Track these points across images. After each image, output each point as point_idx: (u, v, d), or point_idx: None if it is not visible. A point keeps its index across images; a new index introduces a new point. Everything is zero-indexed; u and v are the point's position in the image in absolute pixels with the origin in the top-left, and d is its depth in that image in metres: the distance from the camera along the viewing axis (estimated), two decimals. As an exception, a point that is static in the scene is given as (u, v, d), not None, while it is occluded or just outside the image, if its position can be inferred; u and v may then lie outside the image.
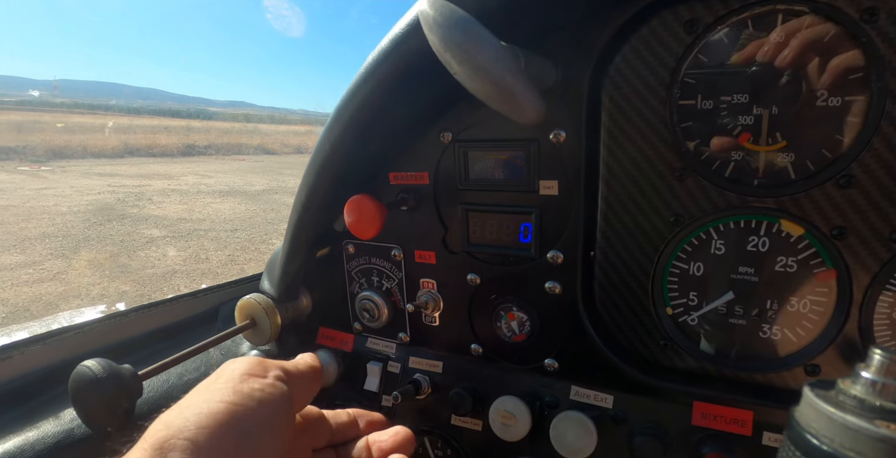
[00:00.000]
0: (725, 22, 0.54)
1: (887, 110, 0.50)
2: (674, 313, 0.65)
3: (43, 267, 7.62)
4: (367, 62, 0.60)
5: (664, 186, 0.60)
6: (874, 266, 0.54)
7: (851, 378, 0.30)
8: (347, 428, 0.58)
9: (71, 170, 19.27)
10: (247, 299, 0.86)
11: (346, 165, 0.72)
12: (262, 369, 0.47)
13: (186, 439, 0.37)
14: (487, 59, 0.38)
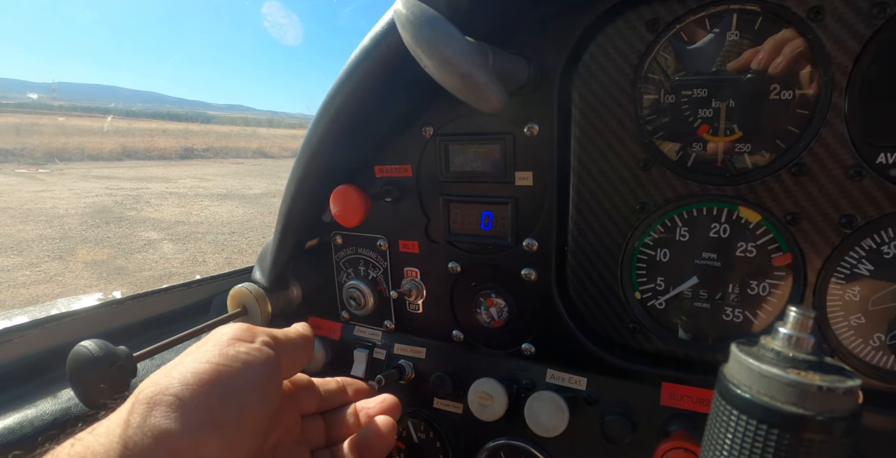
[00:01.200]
0: (684, 21, 0.58)
1: (833, 102, 0.54)
2: (642, 297, 0.68)
3: (40, 269, 7.62)
4: (350, 60, 0.64)
5: (630, 177, 0.64)
6: (826, 250, 0.58)
7: (772, 334, 0.34)
8: (336, 395, 0.61)
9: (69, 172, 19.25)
10: (239, 287, 0.89)
11: (332, 158, 0.75)
12: (250, 334, 0.49)
13: (172, 394, 0.39)
14: (453, 53, 0.42)
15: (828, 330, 0.60)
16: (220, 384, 0.41)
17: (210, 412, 0.40)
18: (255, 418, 0.44)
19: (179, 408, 0.39)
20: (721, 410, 0.33)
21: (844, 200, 0.56)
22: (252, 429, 0.43)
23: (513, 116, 0.69)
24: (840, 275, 0.58)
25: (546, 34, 0.64)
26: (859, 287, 0.58)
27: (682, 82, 0.60)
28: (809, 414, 0.29)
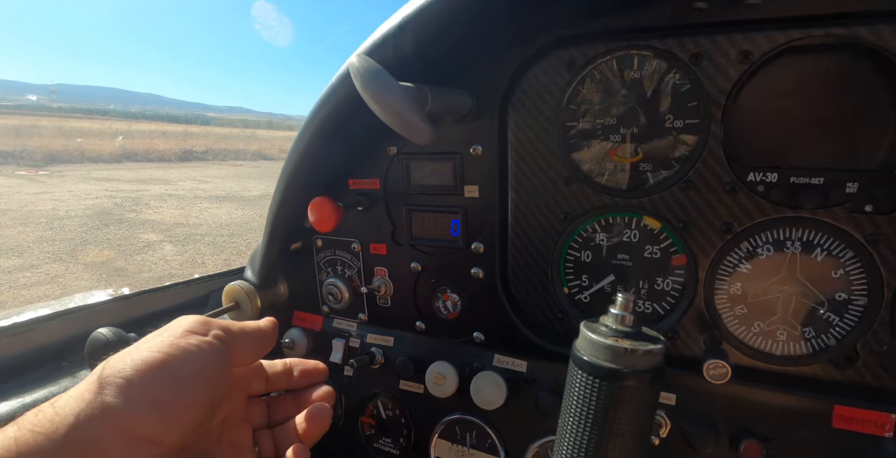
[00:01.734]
0: (595, 62, 0.71)
1: (712, 131, 0.66)
2: (570, 292, 0.81)
3: (41, 270, 7.65)
4: (324, 92, 0.76)
5: (556, 191, 0.77)
6: (711, 252, 0.70)
7: (608, 314, 0.46)
8: (281, 377, 0.65)
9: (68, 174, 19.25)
10: (232, 284, 1.01)
11: (312, 173, 0.88)
12: (203, 327, 0.53)
13: (122, 377, 0.45)
14: (392, 100, 0.54)
15: (718, 319, 0.72)
16: (166, 371, 0.47)
17: (153, 395, 0.46)
18: (198, 402, 0.49)
19: (126, 389, 0.45)
20: (572, 370, 0.45)
21: (724, 210, 0.68)
22: (194, 412, 0.48)
23: (460, 139, 0.81)
24: (724, 273, 0.71)
25: (485, 73, 0.76)
26: (741, 283, 0.70)
27: (596, 112, 0.73)
28: (620, 368, 0.41)
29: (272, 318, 0.63)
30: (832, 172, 0.62)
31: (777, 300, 0.69)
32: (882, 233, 0.61)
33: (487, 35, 0.70)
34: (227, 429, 0.58)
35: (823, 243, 0.65)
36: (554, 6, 0.67)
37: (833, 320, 0.66)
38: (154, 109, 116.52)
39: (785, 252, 0.67)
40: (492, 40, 0.72)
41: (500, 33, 0.70)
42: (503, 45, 0.73)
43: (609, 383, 0.41)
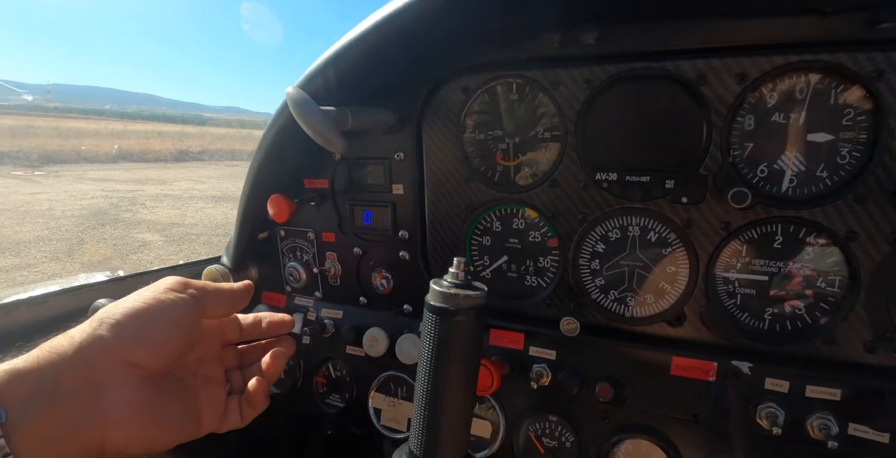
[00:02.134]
0: (483, 87, 0.91)
1: (569, 140, 0.86)
2: (475, 269, 1.01)
3: (38, 269, 7.75)
4: (276, 110, 0.96)
5: (460, 188, 0.97)
6: (574, 236, 0.90)
7: (448, 273, 0.66)
8: (252, 327, 0.80)
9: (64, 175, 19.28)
10: (210, 268, 1.21)
11: (272, 175, 1.07)
12: (182, 286, 0.67)
13: (114, 318, 0.60)
14: (313, 122, 0.74)
15: (583, 289, 0.92)
16: (147, 315, 0.62)
17: (136, 331, 0.61)
18: (173, 340, 0.64)
19: (116, 326, 0.60)
20: (425, 314, 0.65)
21: (581, 203, 0.88)
22: (169, 346, 0.63)
23: (388, 147, 1.01)
24: (585, 252, 0.91)
25: (405, 95, 0.96)
26: (598, 260, 0.91)
27: (486, 126, 0.93)
28: (450, 307, 0.61)
29: (249, 282, 0.78)
30: (655, 172, 0.82)
31: (625, 273, 0.89)
32: (694, 219, 0.82)
33: (398, 69, 0.90)
34: (202, 366, 0.74)
35: (654, 227, 0.85)
36: (446, 46, 0.87)
37: (665, 288, 0.87)
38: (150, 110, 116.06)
39: (628, 235, 0.87)
40: (404, 72, 0.92)
41: (409, 67, 0.91)
42: (414, 75, 0.93)
43: (444, 318, 0.61)
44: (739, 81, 0.74)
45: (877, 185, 0.71)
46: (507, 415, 0.97)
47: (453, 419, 0.63)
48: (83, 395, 0.57)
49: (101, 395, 0.59)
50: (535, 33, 0.84)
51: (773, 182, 0.77)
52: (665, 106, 0.80)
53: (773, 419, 0.77)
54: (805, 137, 0.74)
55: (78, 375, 0.57)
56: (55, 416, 0.55)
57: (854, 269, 0.75)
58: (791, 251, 0.78)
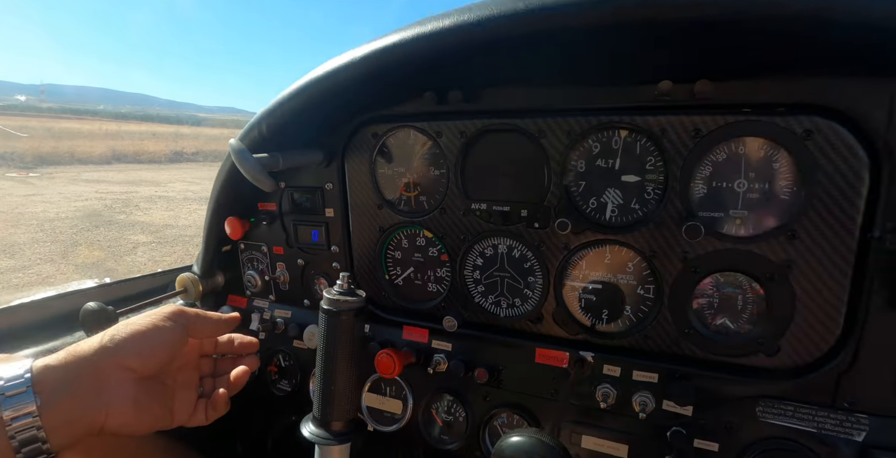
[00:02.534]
0: (388, 134, 1.15)
1: (454, 176, 1.10)
2: (389, 278, 1.25)
3: (32, 271, 7.88)
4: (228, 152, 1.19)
5: (374, 212, 1.21)
6: (459, 252, 1.14)
7: (336, 284, 0.90)
8: (226, 344, 1.03)
9: (58, 176, 19.32)
10: (182, 275, 1.45)
11: (228, 200, 1.31)
12: (177, 316, 0.88)
13: (120, 336, 0.81)
14: (247, 169, 0.97)
15: (468, 295, 1.16)
16: (145, 336, 0.83)
17: (135, 347, 0.82)
18: (162, 354, 0.85)
19: (121, 342, 0.81)
20: (320, 315, 0.89)
21: (462, 226, 1.12)
22: (158, 358, 0.85)
23: (320, 178, 1.25)
24: (468, 265, 1.15)
25: (330, 139, 1.20)
26: (478, 271, 1.15)
27: (392, 164, 1.17)
28: (333, 309, 0.85)
29: (237, 314, 1.02)
30: (513, 203, 1.07)
31: (498, 282, 1.13)
32: (543, 240, 1.06)
33: (321, 121, 1.14)
34: (181, 372, 0.96)
35: (516, 246, 1.10)
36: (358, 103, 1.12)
37: (528, 293, 1.11)
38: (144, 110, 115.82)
39: (498, 252, 1.12)
40: (326, 123, 1.16)
41: (331, 118, 1.15)
42: (336, 124, 1.18)
43: (330, 317, 0.85)
44: (568, 135, 0.98)
45: (669, 216, 0.95)
46: (414, 395, 1.22)
47: (340, 391, 0.87)
48: (92, 388, 0.79)
49: (104, 389, 0.80)
50: (420, 94, 1.08)
51: (600, 212, 1.01)
52: (519, 152, 1.04)
53: (606, 397, 1.01)
54: (620, 178, 0.98)
55: (89, 373, 0.79)
56: (72, 402, 0.76)
57: (659, 280, 0.99)
58: (617, 265, 1.03)
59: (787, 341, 0.91)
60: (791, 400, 0.92)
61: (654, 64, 0.91)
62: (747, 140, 0.88)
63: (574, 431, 1.05)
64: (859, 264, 0.85)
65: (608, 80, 0.95)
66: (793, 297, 0.89)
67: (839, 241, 0.85)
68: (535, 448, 0.76)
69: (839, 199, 0.83)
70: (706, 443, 0.96)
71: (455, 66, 0.95)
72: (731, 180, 0.90)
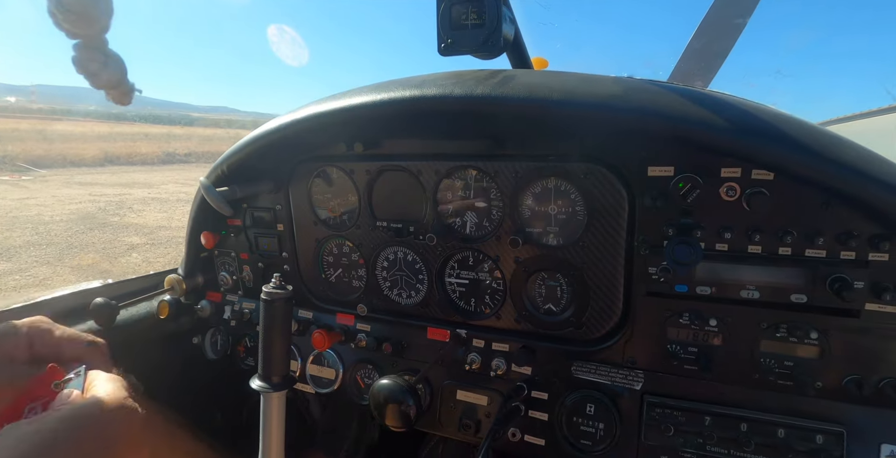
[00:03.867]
0: (317, 170, 1.55)
1: (363, 203, 1.50)
2: (325, 276, 1.66)
3: (29, 273, 8.17)
4: (201, 182, 1.59)
5: (311, 228, 1.61)
6: (371, 258, 1.54)
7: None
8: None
9: (51, 179, 19.43)
10: (169, 276, 1.84)
11: (203, 218, 1.71)
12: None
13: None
14: (212, 200, 1.37)
15: (378, 288, 1.56)
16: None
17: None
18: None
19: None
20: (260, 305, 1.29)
21: (373, 238, 1.51)
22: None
23: (272, 201, 1.65)
24: (378, 267, 1.55)
25: (279, 172, 1.60)
26: (385, 271, 1.55)
27: (322, 192, 1.57)
28: (270, 299, 1.25)
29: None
30: (405, 221, 1.46)
31: (399, 278, 1.54)
32: (427, 249, 1.46)
33: (269, 162, 1.54)
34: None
35: (410, 253, 1.50)
36: (296, 149, 1.52)
37: (420, 287, 1.51)
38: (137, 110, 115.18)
39: (398, 257, 1.52)
40: (273, 163, 1.56)
41: (277, 159, 1.55)
42: (281, 162, 1.58)
43: (267, 304, 1.25)
44: (436, 174, 1.38)
45: (504, 231, 1.35)
46: (344, 364, 1.62)
47: (276, 355, 1.27)
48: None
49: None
50: (334, 143, 1.48)
51: (462, 228, 1.41)
52: (406, 185, 1.44)
53: (472, 362, 1.42)
54: (474, 203, 1.39)
55: None
56: None
57: (503, 276, 1.39)
58: (477, 266, 1.43)
59: (588, 319, 1.31)
60: (594, 361, 1.32)
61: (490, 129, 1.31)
62: (552, 179, 1.28)
63: (451, 387, 1.45)
64: (628, 265, 1.25)
65: (460, 136, 1.35)
66: (587, 288, 1.29)
67: (612, 249, 1.25)
68: (392, 385, 1.16)
69: (610, 220, 1.23)
70: (540, 393, 1.35)
71: (358, 127, 1.36)
72: (545, 206, 1.31)
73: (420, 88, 1.17)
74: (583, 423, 1.29)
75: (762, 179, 1.09)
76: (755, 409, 1.15)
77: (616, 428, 1.25)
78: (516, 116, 1.14)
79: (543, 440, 1.34)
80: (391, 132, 1.43)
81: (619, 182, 1.20)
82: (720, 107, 1.01)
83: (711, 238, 1.15)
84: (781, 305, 1.13)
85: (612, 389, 1.27)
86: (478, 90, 1.12)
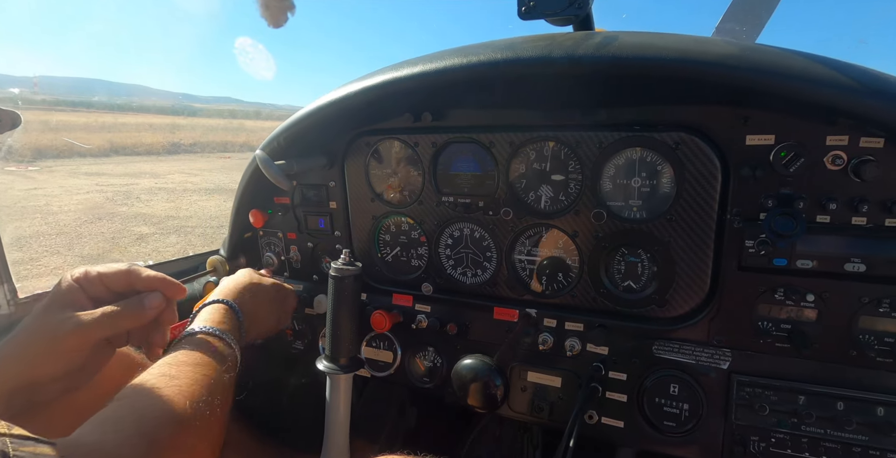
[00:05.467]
0: (377, 143, 1.47)
1: (427, 177, 1.43)
2: (381, 255, 1.59)
3: (40, 263, 8.13)
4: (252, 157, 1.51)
5: (368, 204, 1.54)
6: (434, 235, 1.47)
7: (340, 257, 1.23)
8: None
9: (58, 170, 19.42)
10: (212, 257, 1.78)
11: (251, 195, 1.64)
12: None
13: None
14: (270, 173, 1.30)
15: (441, 267, 1.49)
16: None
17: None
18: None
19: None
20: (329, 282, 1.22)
21: (436, 214, 1.44)
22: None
23: (325, 177, 1.58)
24: (441, 244, 1.48)
25: (334, 146, 1.52)
26: (449, 249, 1.48)
27: (381, 166, 1.50)
28: (338, 276, 1.19)
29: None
30: (473, 196, 1.39)
31: (464, 257, 1.46)
32: (496, 224, 1.38)
33: (326, 136, 1.46)
34: None
35: (477, 229, 1.43)
36: (356, 119, 1.44)
37: (486, 265, 1.44)
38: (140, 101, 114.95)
39: (464, 233, 1.45)
40: (330, 135, 1.49)
41: (333, 132, 1.47)
42: (336, 136, 1.50)
43: (337, 281, 1.18)
44: (510, 146, 1.31)
45: (584, 205, 1.28)
46: (402, 347, 1.56)
47: (344, 335, 1.21)
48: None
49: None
50: (400, 114, 1.40)
51: (536, 202, 1.34)
52: (476, 157, 1.37)
53: (545, 342, 1.35)
54: (550, 177, 1.31)
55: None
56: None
57: (580, 253, 1.32)
58: (551, 242, 1.36)
59: (672, 296, 1.24)
60: (677, 340, 1.25)
61: (574, 97, 1.24)
62: (637, 149, 1.21)
63: (522, 368, 1.39)
64: (718, 239, 1.18)
65: (539, 105, 1.27)
66: (673, 264, 1.22)
67: (703, 222, 1.17)
68: (480, 366, 1.10)
69: (701, 192, 1.16)
70: (617, 374, 1.30)
71: (428, 95, 1.28)
72: (629, 178, 1.23)
73: (513, 51, 1.09)
74: (666, 404, 1.23)
75: (871, 147, 1.02)
76: (851, 387, 1.09)
77: (702, 408, 1.19)
78: (629, 79, 1.09)
79: (622, 422, 1.28)
80: (459, 102, 1.35)
81: (714, 152, 1.12)
82: (858, 72, 0.95)
83: (813, 209, 1.08)
84: (886, 278, 1.06)
85: (697, 368, 1.21)
86: (600, 51, 1.05)
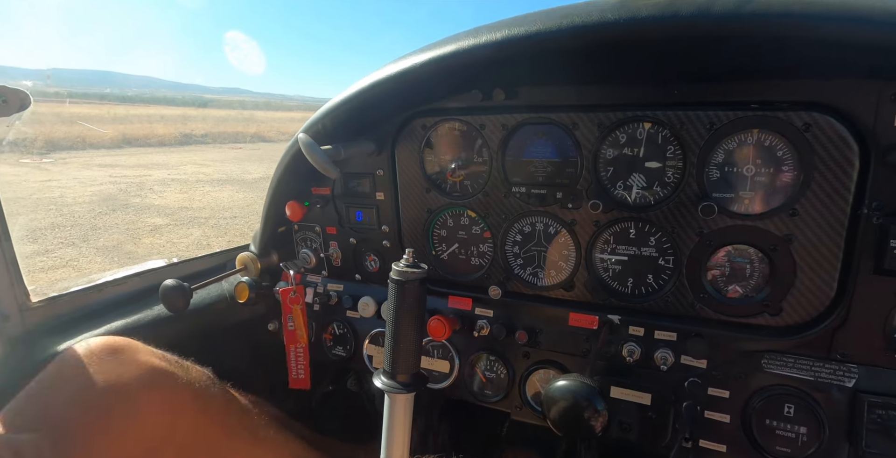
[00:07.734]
0: (434, 126, 1.29)
1: (495, 165, 1.24)
2: (435, 253, 1.41)
3: (56, 255, 8.08)
4: (288, 144, 1.33)
5: (422, 196, 1.36)
6: (501, 230, 1.29)
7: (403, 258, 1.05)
8: None
9: (71, 161, 19.46)
10: (242, 254, 1.61)
11: (288, 186, 1.46)
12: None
13: None
14: (315, 158, 1.12)
15: (508, 267, 1.31)
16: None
17: None
18: None
19: None
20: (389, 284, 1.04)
21: (505, 207, 1.27)
22: None
23: (372, 165, 1.40)
24: (508, 241, 1.30)
25: (383, 130, 1.34)
26: (517, 246, 1.29)
27: (437, 152, 1.31)
28: (401, 279, 1.01)
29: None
30: (549, 186, 1.21)
31: (535, 255, 1.28)
32: (576, 219, 1.20)
33: (375, 117, 1.28)
34: None
35: (552, 224, 1.24)
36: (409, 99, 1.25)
37: (562, 265, 1.26)
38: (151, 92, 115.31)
39: (536, 229, 1.26)
40: (379, 117, 1.30)
41: (383, 113, 1.29)
42: (387, 118, 1.32)
43: (399, 286, 1.01)
44: (598, 128, 1.12)
45: (686, 197, 1.09)
46: (460, 356, 1.38)
47: (407, 349, 1.03)
48: None
49: None
50: (466, 90, 1.21)
51: (626, 193, 1.15)
52: (553, 142, 1.18)
53: (631, 353, 1.17)
54: (644, 164, 1.12)
55: None
56: None
57: (677, 252, 1.13)
58: (641, 240, 1.17)
59: (789, 303, 1.06)
60: (792, 353, 1.07)
61: (674, 68, 1.04)
62: (754, 132, 1.01)
63: (603, 383, 1.21)
64: (850, 237, 0.99)
65: (634, 80, 1.08)
66: (793, 265, 1.03)
67: (833, 217, 0.99)
68: (579, 388, 0.92)
69: (833, 182, 0.97)
70: (719, 391, 1.12)
71: (501, 69, 1.09)
72: (741, 166, 1.04)
73: (626, 10, 0.89)
74: (779, 427, 1.07)
75: None
76: None
77: (823, 433, 1.03)
78: (746, 48, 0.89)
79: (724, 446, 1.11)
80: (534, 77, 1.16)
81: (851, 134, 0.94)
82: None
83: None
84: None
85: (816, 386, 1.05)
86: (743, 7, 0.85)
